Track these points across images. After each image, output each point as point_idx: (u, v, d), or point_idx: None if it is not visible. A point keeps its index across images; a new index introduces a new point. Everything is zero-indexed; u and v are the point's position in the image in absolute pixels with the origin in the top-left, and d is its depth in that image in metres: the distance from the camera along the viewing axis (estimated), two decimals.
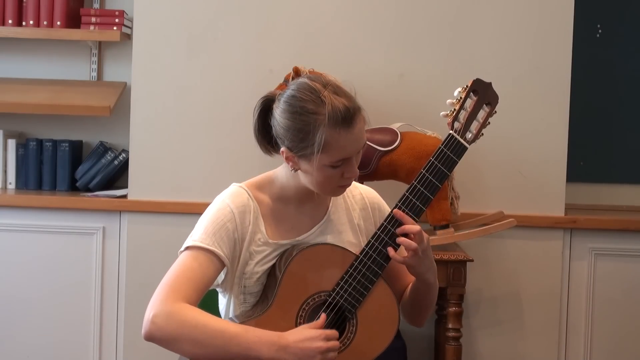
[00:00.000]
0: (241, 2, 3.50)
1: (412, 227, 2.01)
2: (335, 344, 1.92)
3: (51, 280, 3.57)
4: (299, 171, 2.04)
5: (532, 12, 3.47)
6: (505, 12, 3.47)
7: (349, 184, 2.06)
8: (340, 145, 1.96)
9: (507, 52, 3.47)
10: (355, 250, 2.11)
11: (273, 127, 2.03)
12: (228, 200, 2.06)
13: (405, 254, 2.03)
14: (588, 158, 3.81)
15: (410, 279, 2.19)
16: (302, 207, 2.12)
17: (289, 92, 2.01)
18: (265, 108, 2.07)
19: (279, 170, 2.12)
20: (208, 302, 2.21)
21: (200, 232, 2.01)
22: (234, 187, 2.10)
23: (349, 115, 1.96)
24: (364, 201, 2.20)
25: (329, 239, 2.12)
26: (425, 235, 2.04)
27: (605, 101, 3.82)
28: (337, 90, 1.99)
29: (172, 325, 1.88)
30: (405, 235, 2.02)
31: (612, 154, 3.82)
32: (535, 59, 3.47)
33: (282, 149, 2.01)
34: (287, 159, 2.02)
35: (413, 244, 2.01)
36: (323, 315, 1.96)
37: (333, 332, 1.93)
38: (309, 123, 1.95)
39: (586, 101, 3.75)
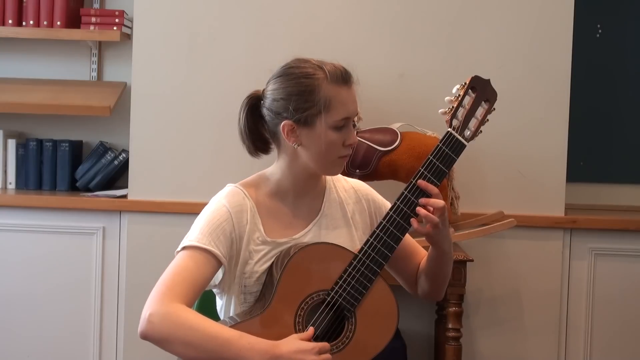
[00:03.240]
0: (241, 2, 3.51)
1: (437, 201, 2.02)
2: (327, 357, 1.92)
3: (51, 280, 3.57)
4: (299, 149, 2.05)
5: (532, 11, 3.47)
6: (505, 12, 3.47)
7: (349, 155, 2.09)
8: (342, 101, 2.02)
9: (507, 52, 3.47)
10: (350, 244, 2.12)
11: (267, 111, 2.07)
12: (224, 201, 2.07)
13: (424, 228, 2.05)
14: (588, 158, 3.81)
15: (422, 256, 2.23)
16: (299, 202, 2.13)
17: (281, 69, 2.08)
18: (253, 104, 2.11)
19: (273, 167, 2.14)
20: (205, 303, 2.21)
21: (196, 232, 2.02)
22: (229, 187, 2.11)
23: (347, 74, 2.05)
24: (356, 194, 2.22)
25: (324, 234, 2.13)
26: (445, 206, 2.06)
27: (605, 101, 3.82)
28: (327, 61, 2.08)
29: (168, 325, 1.88)
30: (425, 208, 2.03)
31: (612, 154, 3.82)
32: (535, 59, 3.47)
33: (283, 123, 2.04)
34: (288, 133, 2.04)
35: (435, 218, 2.03)
36: (311, 328, 1.96)
37: (325, 345, 1.93)
38: (311, 83, 2.02)
39: (586, 101, 3.75)
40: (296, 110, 2.02)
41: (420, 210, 2.02)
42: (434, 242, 2.11)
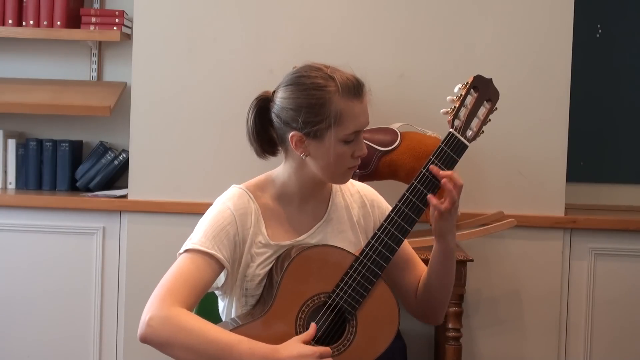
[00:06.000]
0: (241, 2, 3.50)
1: (458, 178, 2.01)
2: None
3: (51, 281, 3.57)
4: (307, 159, 2.03)
5: (532, 12, 3.47)
6: (506, 12, 3.47)
7: (357, 166, 2.07)
8: (354, 115, 1.99)
9: (507, 52, 3.47)
10: (355, 248, 2.11)
11: (276, 118, 2.04)
12: (229, 203, 2.05)
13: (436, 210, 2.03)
14: (588, 158, 3.81)
15: (421, 270, 2.20)
16: (304, 206, 2.12)
17: (292, 76, 2.04)
18: (262, 107, 2.08)
19: (279, 170, 2.12)
20: (207, 304, 2.21)
21: (199, 235, 2.00)
22: (234, 189, 2.09)
23: (359, 86, 2.01)
24: (362, 199, 2.20)
25: (329, 237, 2.11)
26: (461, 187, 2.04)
27: (605, 101, 3.82)
28: (339, 68, 2.03)
29: (168, 329, 1.87)
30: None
31: (612, 154, 3.82)
32: (535, 59, 3.47)
33: (292, 133, 2.01)
34: (296, 144, 2.01)
35: (454, 194, 2.01)
36: (313, 325, 1.94)
37: (327, 350, 1.92)
38: (322, 96, 1.98)
39: (586, 101, 3.75)
40: (305, 123, 1.98)
41: (446, 183, 1.99)
42: (442, 232, 2.07)
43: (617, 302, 3.52)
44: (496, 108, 2.11)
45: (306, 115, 1.98)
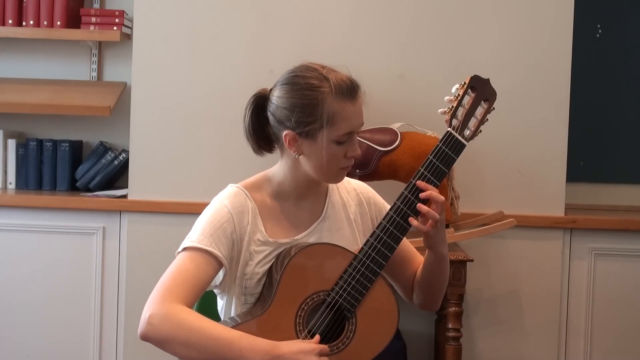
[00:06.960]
0: (241, 2, 3.51)
1: (438, 196, 2.01)
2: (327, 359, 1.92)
3: (51, 281, 3.57)
4: (300, 158, 2.04)
5: (532, 12, 3.47)
6: (506, 12, 3.47)
7: (350, 166, 2.08)
8: (346, 116, 2.00)
9: (507, 52, 3.47)
10: (353, 246, 2.11)
11: (271, 116, 2.06)
12: (226, 202, 2.06)
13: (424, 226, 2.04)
14: (588, 158, 3.81)
15: (419, 263, 2.21)
16: (300, 203, 2.13)
17: (287, 75, 2.06)
18: (259, 104, 2.10)
19: (275, 168, 2.13)
20: (206, 303, 2.21)
21: (197, 233, 2.01)
22: (230, 188, 2.10)
23: (353, 88, 2.02)
24: (358, 197, 2.21)
25: (327, 235, 2.12)
26: (444, 203, 2.05)
27: (605, 101, 3.82)
28: (335, 69, 2.05)
29: (168, 327, 1.88)
30: (425, 204, 2.02)
31: (612, 154, 3.82)
32: (535, 59, 3.47)
33: (285, 132, 2.02)
34: (289, 143, 2.03)
35: (436, 215, 2.02)
36: (317, 337, 1.95)
37: (326, 347, 1.93)
38: (315, 97, 1.99)
39: (586, 101, 3.75)
40: (298, 123, 2.00)
41: (421, 207, 2.01)
42: (432, 243, 2.10)
43: (617, 302, 3.52)
44: (494, 108, 2.11)
45: (299, 115, 2.00)
